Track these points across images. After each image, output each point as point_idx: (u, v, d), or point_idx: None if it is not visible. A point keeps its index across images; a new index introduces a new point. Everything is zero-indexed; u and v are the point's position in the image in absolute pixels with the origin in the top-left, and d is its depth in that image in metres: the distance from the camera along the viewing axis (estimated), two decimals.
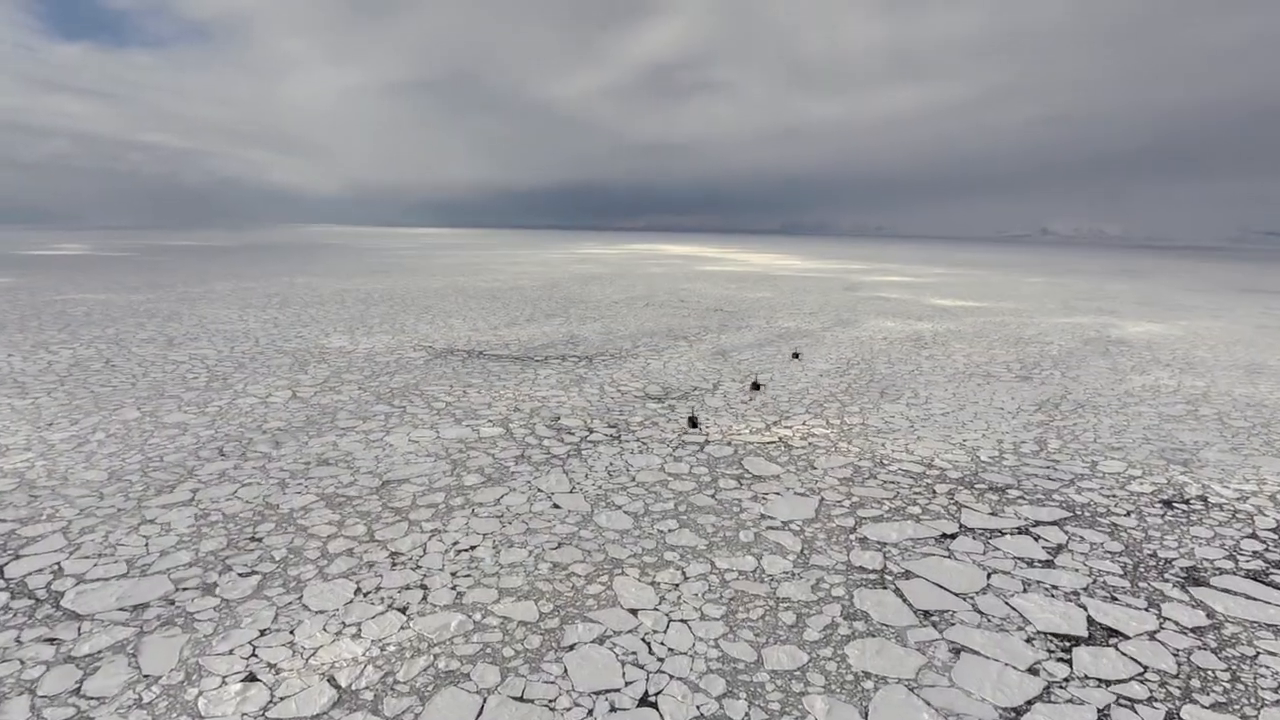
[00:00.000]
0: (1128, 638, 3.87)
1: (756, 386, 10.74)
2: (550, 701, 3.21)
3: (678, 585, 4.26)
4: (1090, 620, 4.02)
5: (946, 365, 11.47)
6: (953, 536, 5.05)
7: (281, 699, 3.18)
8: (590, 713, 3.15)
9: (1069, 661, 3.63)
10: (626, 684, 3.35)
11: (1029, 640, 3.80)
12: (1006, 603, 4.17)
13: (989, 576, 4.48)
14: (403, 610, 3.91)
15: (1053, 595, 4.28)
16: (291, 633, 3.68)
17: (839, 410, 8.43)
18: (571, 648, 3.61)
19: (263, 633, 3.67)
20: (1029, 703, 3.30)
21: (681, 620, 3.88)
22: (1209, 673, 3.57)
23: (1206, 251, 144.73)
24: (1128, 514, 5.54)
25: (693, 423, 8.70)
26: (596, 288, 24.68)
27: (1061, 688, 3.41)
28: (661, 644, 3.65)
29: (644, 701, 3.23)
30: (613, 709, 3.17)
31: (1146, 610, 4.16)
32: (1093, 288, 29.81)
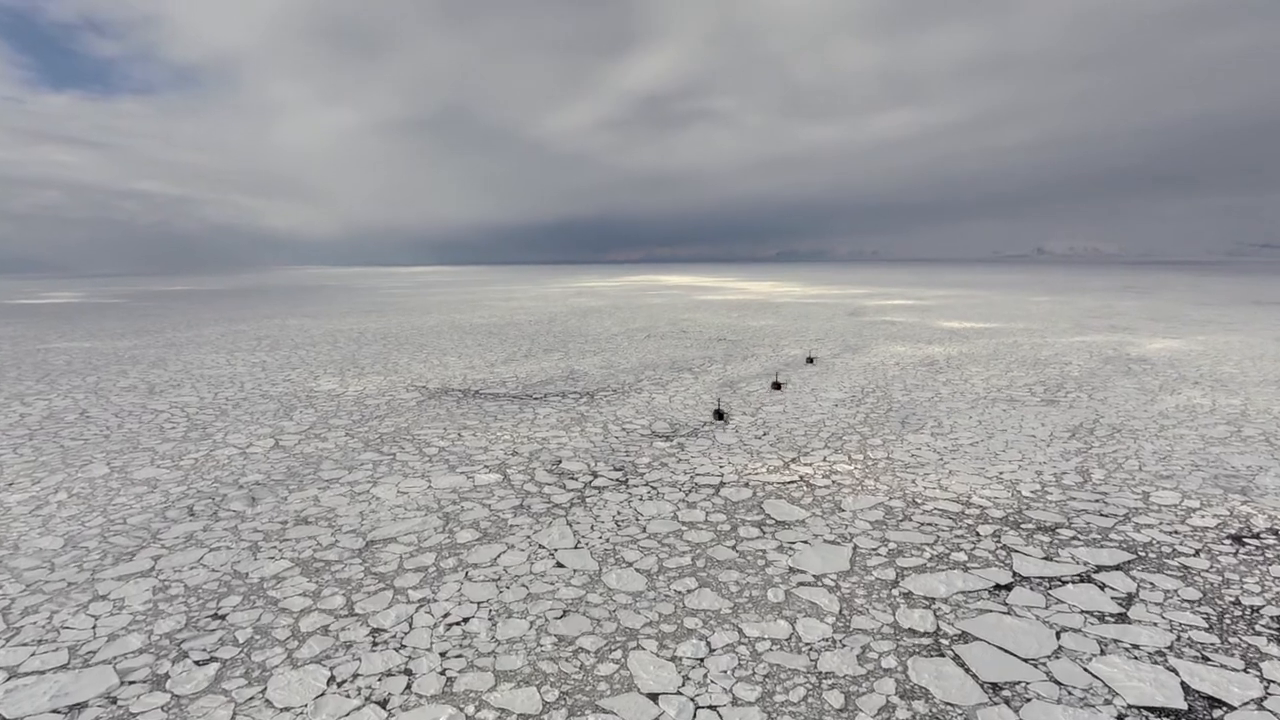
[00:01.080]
0: (1234, 708, 3.29)
1: (778, 386, 10.60)
2: None
3: (702, 660, 3.68)
4: (1186, 688, 3.44)
5: (966, 390, 10.92)
6: (1008, 588, 4.47)
7: None
8: None
9: None
10: None
11: (1121, 718, 3.22)
12: (1085, 669, 3.59)
13: (1058, 636, 3.90)
14: (382, 704, 3.32)
15: (1135, 657, 3.70)
16: None
17: (860, 443, 7.86)
18: None
19: None
20: None
21: (710, 706, 3.29)
22: None
23: (1204, 266, 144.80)
24: (1196, 553, 4.97)
25: (719, 415, 8.41)
26: (595, 320, 24.21)
27: None
28: None
29: None
30: None
31: (1245, 671, 3.58)
32: (1100, 305, 29.36)
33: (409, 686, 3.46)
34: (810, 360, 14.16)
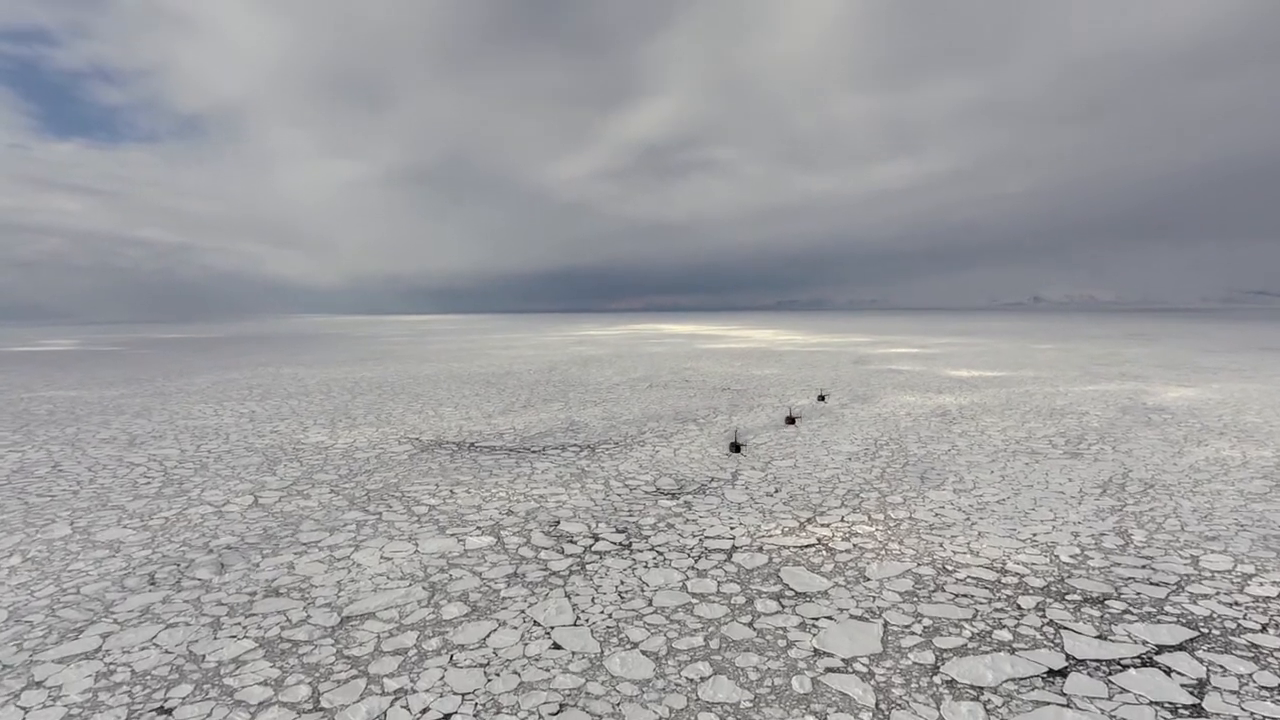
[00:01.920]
0: None
1: (791, 420, 10.63)
2: None
3: None
4: None
5: (984, 443, 10.43)
6: (1063, 673, 3.95)
7: None
8: None
9: None
10: None
11: None
12: None
13: None
14: None
15: None
16: None
17: (879, 501, 7.35)
18: None
19: None
20: None
21: None
22: None
23: (1202, 313, 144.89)
24: (1264, 628, 4.46)
25: (735, 448, 8.76)
26: (596, 369, 23.78)
27: None
28: None
29: None
30: None
31: None
32: (1106, 353, 28.96)
33: None
34: (822, 398, 14.95)
